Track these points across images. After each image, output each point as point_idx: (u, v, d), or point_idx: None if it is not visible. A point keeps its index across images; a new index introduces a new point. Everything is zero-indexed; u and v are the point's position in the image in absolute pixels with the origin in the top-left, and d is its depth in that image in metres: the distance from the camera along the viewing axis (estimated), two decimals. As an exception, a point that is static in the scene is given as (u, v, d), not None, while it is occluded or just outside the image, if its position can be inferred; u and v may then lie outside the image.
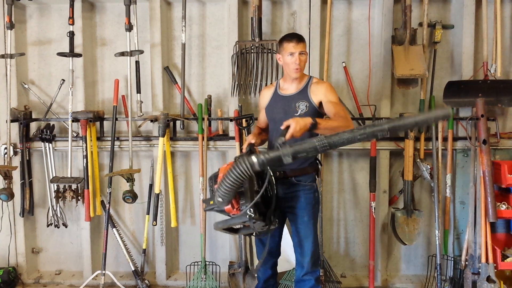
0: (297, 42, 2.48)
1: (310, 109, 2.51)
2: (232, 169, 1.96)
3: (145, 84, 3.49)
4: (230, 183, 1.97)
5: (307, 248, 2.54)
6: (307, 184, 2.53)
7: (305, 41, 2.53)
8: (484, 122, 3.08)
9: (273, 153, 1.98)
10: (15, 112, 3.40)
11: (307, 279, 2.58)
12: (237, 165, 1.95)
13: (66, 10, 3.36)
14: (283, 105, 2.57)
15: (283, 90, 2.62)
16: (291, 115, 2.49)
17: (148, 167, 3.51)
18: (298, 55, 2.47)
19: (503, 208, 3.08)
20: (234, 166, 1.96)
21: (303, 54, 2.50)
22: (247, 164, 1.94)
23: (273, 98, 2.64)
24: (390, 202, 3.47)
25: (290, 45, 2.48)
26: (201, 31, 3.54)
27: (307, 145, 1.97)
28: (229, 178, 1.97)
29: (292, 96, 2.56)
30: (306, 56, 2.53)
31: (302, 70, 2.53)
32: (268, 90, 2.71)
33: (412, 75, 3.09)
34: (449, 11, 3.44)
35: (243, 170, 1.95)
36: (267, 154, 1.98)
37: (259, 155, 1.98)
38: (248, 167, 1.95)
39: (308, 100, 2.52)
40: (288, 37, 2.51)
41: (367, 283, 3.37)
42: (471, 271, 3.10)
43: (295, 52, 2.47)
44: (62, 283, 3.61)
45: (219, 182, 2.04)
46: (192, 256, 3.61)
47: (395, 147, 3.38)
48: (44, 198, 3.63)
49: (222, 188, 2.00)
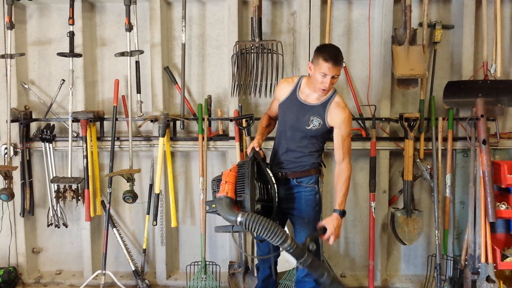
0: (334, 65, 2.29)
1: (322, 127, 2.46)
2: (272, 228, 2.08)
3: (145, 84, 3.49)
4: (260, 231, 2.09)
5: None
6: (309, 185, 2.53)
7: (342, 64, 2.35)
8: (484, 122, 3.08)
9: (301, 252, 2.14)
10: (15, 112, 3.40)
11: (307, 280, 2.59)
12: (277, 231, 2.09)
13: (66, 10, 3.36)
14: (297, 111, 2.49)
15: (303, 95, 2.51)
16: (301, 126, 2.47)
17: (148, 167, 3.52)
18: (330, 78, 2.32)
19: (502, 208, 3.08)
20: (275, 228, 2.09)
21: (335, 78, 2.34)
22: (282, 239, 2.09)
23: (290, 97, 2.54)
24: (390, 202, 3.48)
25: (325, 65, 2.29)
26: (201, 31, 3.54)
27: (320, 270, 2.19)
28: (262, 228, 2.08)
29: (310, 107, 2.47)
30: (337, 80, 2.36)
31: (328, 92, 2.43)
32: (288, 84, 2.58)
33: (412, 75, 3.09)
34: (449, 11, 3.44)
35: (276, 238, 2.08)
36: (296, 247, 2.13)
37: (293, 242, 2.11)
38: (281, 241, 2.09)
39: (323, 118, 2.44)
40: (327, 55, 2.29)
41: (367, 283, 3.37)
42: (471, 271, 3.10)
43: (328, 75, 2.31)
44: (62, 283, 3.62)
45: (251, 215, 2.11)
46: (192, 256, 3.61)
47: (395, 147, 3.38)
48: (44, 198, 3.63)
49: (251, 225, 2.08)
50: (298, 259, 2.14)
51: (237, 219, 2.10)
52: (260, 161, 2.45)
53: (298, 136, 2.50)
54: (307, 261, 2.14)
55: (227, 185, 2.27)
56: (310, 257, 2.15)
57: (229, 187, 2.27)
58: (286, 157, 2.55)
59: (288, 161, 2.54)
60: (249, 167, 2.33)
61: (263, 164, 2.45)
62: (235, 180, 2.32)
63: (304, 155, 2.52)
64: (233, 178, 2.32)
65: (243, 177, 2.30)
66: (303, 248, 2.17)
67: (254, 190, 2.24)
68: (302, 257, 2.13)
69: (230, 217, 2.13)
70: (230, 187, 2.27)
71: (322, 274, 2.18)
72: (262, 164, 2.44)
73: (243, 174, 2.32)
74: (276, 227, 2.09)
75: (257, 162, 2.44)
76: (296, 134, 2.50)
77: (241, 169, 2.36)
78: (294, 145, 2.52)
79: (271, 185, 2.36)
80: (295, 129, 2.50)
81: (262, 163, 2.45)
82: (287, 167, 2.55)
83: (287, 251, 2.13)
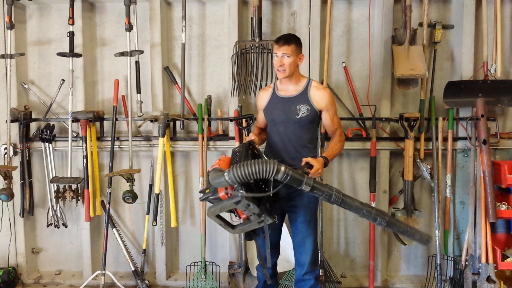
0: (280, 44, 2.44)
1: (311, 113, 2.51)
2: (258, 163, 2.00)
3: (145, 84, 3.49)
4: (248, 173, 2.00)
5: (308, 247, 2.55)
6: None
7: (294, 43, 2.45)
8: (484, 122, 3.08)
9: (298, 175, 2.07)
10: (15, 112, 3.40)
11: (307, 278, 2.59)
12: (264, 163, 1.99)
13: (66, 10, 3.36)
14: (282, 107, 2.55)
15: (282, 91, 2.60)
16: (291, 117, 2.51)
17: (148, 167, 3.51)
18: (280, 58, 2.44)
19: (503, 208, 3.08)
20: (261, 162, 2.00)
21: (288, 57, 2.43)
22: (274, 168, 2.01)
23: (271, 99, 2.62)
24: (390, 202, 3.47)
25: (275, 47, 2.46)
26: (201, 31, 3.54)
27: (326, 189, 2.11)
28: (250, 168, 1.99)
29: (292, 98, 2.54)
30: (292, 59, 2.44)
31: (286, 73, 2.47)
32: (265, 92, 2.69)
33: (412, 75, 3.09)
34: (449, 11, 3.44)
35: (267, 171, 2.00)
36: (293, 171, 2.06)
37: (288, 168, 2.04)
38: (274, 171, 2.02)
39: (309, 104, 2.51)
40: (276, 39, 2.49)
41: (367, 283, 3.37)
42: (471, 271, 3.10)
43: (277, 53, 2.44)
44: (62, 283, 3.61)
45: (236, 164, 2.03)
46: (192, 256, 3.61)
47: (395, 147, 3.38)
48: (44, 198, 3.63)
49: (238, 172, 2.00)
50: (300, 183, 2.08)
51: (224, 175, 2.03)
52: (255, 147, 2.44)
53: (290, 129, 2.53)
54: (310, 181, 2.09)
55: (220, 161, 2.26)
56: (311, 179, 2.11)
57: (222, 163, 2.24)
58: (283, 153, 2.55)
59: (285, 156, 2.54)
60: (243, 148, 2.31)
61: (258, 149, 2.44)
62: (230, 160, 2.30)
63: (299, 148, 2.53)
64: (228, 159, 2.31)
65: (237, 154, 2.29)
66: (301, 172, 2.12)
67: None
68: (303, 179, 2.08)
69: (219, 179, 2.06)
70: (223, 163, 2.24)
71: (330, 191, 2.11)
72: (257, 149, 2.43)
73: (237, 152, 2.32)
74: (262, 161, 2.02)
75: (253, 147, 2.43)
76: (288, 127, 2.54)
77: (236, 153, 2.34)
78: (288, 138, 2.54)
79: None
80: (286, 122, 2.53)
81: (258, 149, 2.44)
82: (284, 162, 2.54)
83: (285, 179, 2.05)
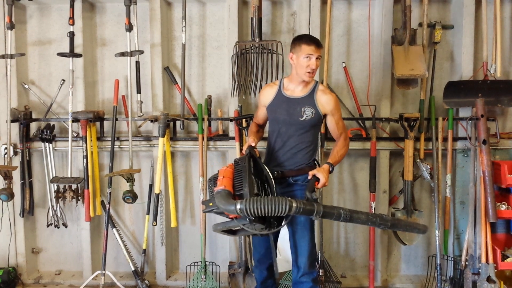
0: (316, 46, 2.43)
1: (316, 116, 2.51)
2: (271, 202, 2.06)
3: (145, 84, 3.49)
4: (261, 210, 2.05)
5: (304, 248, 2.53)
6: (304, 184, 2.52)
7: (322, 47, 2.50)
8: (484, 122, 3.08)
9: (309, 205, 2.13)
10: (15, 112, 3.40)
11: (304, 280, 2.56)
12: (277, 203, 2.06)
13: (66, 10, 3.36)
14: (287, 107, 2.54)
15: (288, 91, 2.58)
16: (295, 118, 2.51)
17: (148, 167, 3.51)
18: (315, 60, 2.44)
19: (503, 208, 3.08)
20: (274, 202, 2.06)
21: (319, 59, 2.47)
22: (287, 207, 2.06)
23: (276, 97, 2.60)
24: (390, 202, 3.47)
25: (308, 48, 2.42)
26: (201, 31, 3.55)
27: (335, 211, 2.16)
28: (262, 206, 2.05)
29: (298, 100, 2.53)
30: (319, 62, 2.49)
31: (314, 75, 2.51)
32: (270, 88, 2.66)
33: (412, 75, 3.09)
34: (449, 11, 3.44)
35: (280, 210, 2.06)
36: (304, 204, 2.11)
37: (299, 202, 2.09)
38: (286, 210, 2.07)
39: (314, 107, 2.51)
40: (308, 39, 2.47)
41: (367, 283, 3.37)
42: (471, 271, 3.10)
43: (313, 56, 2.43)
44: (62, 283, 3.61)
45: (249, 200, 2.08)
46: (192, 256, 3.61)
47: (395, 147, 3.38)
48: (44, 198, 3.63)
49: (250, 207, 2.05)
50: (311, 214, 2.13)
51: (236, 206, 2.07)
52: (256, 158, 2.46)
53: (292, 130, 2.53)
54: (320, 211, 2.13)
55: (224, 179, 2.26)
56: (320, 205, 2.15)
57: (227, 181, 2.26)
58: (282, 154, 2.56)
59: (285, 158, 2.55)
60: (246, 162, 2.32)
61: (259, 160, 2.45)
62: (233, 176, 2.31)
63: (299, 150, 2.53)
64: (230, 174, 2.32)
65: (241, 172, 2.30)
66: (310, 202, 2.16)
67: (252, 184, 2.23)
68: (313, 210, 2.12)
69: (229, 206, 2.10)
70: (227, 181, 2.26)
71: (339, 214, 2.16)
72: (258, 160, 2.45)
73: (240, 170, 2.32)
74: (275, 198, 2.08)
75: (254, 158, 2.44)
76: (290, 128, 2.53)
77: (238, 166, 2.35)
78: (289, 139, 2.54)
79: (269, 181, 2.35)
80: (289, 123, 2.53)
81: (259, 160, 2.45)
82: (284, 164, 2.56)
83: (298, 213, 2.11)
